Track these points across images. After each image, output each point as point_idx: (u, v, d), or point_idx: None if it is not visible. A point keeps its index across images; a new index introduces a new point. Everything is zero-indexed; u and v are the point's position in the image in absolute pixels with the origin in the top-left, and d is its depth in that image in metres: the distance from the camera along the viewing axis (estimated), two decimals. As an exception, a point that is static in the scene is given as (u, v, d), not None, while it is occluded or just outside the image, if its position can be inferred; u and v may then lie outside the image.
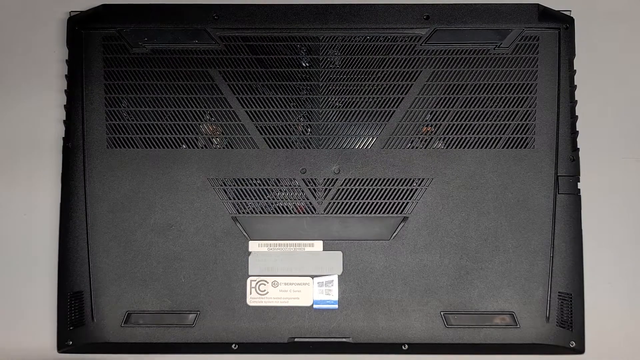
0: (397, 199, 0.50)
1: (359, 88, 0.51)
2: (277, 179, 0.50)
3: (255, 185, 0.50)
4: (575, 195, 0.50)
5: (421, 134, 0.50)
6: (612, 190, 0.53)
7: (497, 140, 0.50)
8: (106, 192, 0.50)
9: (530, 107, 0.50)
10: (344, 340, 0.48)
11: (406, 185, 0.50)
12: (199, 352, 0.50)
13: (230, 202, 0.50)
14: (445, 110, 0.50)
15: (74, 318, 0.49)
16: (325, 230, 0.50)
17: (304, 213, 0.50)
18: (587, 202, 0.50)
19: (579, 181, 0.50)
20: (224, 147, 0.50)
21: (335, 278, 0.49)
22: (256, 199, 0.50)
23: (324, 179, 0.50)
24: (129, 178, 0.50)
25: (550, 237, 0.49)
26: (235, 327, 0.48)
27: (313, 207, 0.50)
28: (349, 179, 0.50)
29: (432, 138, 0.50)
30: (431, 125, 0.51)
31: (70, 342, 0.48)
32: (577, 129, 0.50)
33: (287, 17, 0.51)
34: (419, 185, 0.50)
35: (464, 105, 0.50)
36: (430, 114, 0.51)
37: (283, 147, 0.50)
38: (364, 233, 0.49)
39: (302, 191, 0.50)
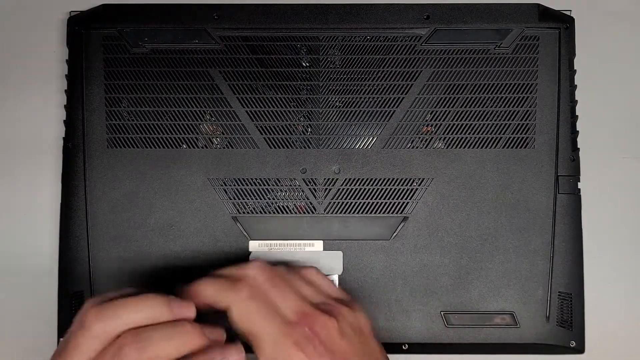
0: (397, 199, 0.50)
1: (359, 88, 0.51)
2: (277, 179, 0.50)
3: (256, 185, 0.50)
4: (575, 195, 0.50)
5: (421, 134, 0.51)
6: (612, 190, 0.53)
7: (497, 140, 0.50)
8: (106, 192, 0.50)
9: (530, 107, 0.50)
10: (344, 340, 0.48)
11: (406, 185, 0.50)
12: (199, 352, 0.50)
13: (231, 202, 0.50)
14: (446, 110, 0.50)
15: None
16: (325, 230, 0.50)
17: (304, 213, 0.50)
18: (587, 202, 0.50)
19: (579, 181, 0.50)
20: (224, 147, 0.50)
21: (335, 278, 0.49)
22: (256, 199, 0.50)
23: (324, 179, 0.50)
24: (129, 178, 0.50)
25: (550, 237, 0.49)
26: (236, 327, 0.48)
27: (313, 207, 0.50)
28: (349, 179, 0.50)
29: (432, 138, 0.50)
30: (431, 125, 0.51)
31: (71, 342, 0.48)
32: (577, 129, 0.50)
33: (287, 17, 0.51)
34: (419, 185, 0.50)
35: (464, 105, 0.50)
36: (431, 113, 0.51)
37: (283, 147, 0.50)
38: (364, 233, 0.50)
39: (302, 191, 0.50)
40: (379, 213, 0.50)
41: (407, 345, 0.48)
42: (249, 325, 0.37)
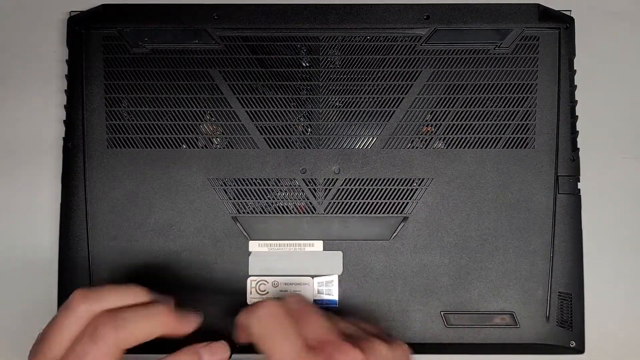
0: (397, 199, 0.50)
1: (359, 88, 0.51)
2: (277, 179, 0.50)
3: (256, 185, 0.50)
4: (575, 195, 0.50)
5: (421, 134, 0.51)
6: (612, 190, 0.53)
7: (497, 140, 0.50)
8: (106, 192, 0.50)
9: (530, 107, 0.50)
10: (344, 340, 0.49)
11: (406, 185, 0.50)
12: (199, 352, 0.50)
13: (230, 202, 0.50)
14: (446, 110, 0.50)
15: (74, 318, 0.49)
16: (325, 230, 0.50)
17: (304, 213, 0.50)
18: (587, 202, 0.50)
19: (579, 181, 0.50)
20: (224, 147, 0.50)
21: (335, 278, 0.49)
22: (256, 199, 0.50)
23: (324, 179, 0.50)
24: (129, 178, 0.50)
25: (550, 237, 0.49)
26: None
27: (313, 207, 0.50)
28: (349, 179, 0.50)
29: (432, 138, 0.50)
30: (431, 125, 0.51)
31: (71, 342, 0.48)
32: (577, 129, 0.50)
33: (287, 17, 0.51)
34: (419, 185, 0.50)
35: (464, 105, 0.50)
36: (431, 114, 0.51)
37: (283, 147, 0.50)
38: (364, 233, 0.50)
39: (302, 191, 0.50)
40: (379, 213, 0.50)
41: (407, 345, 0.48)
42: (268, 344, 0.36)
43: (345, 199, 0.50)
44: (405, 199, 0.50)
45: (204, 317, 0.42)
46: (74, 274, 0.49)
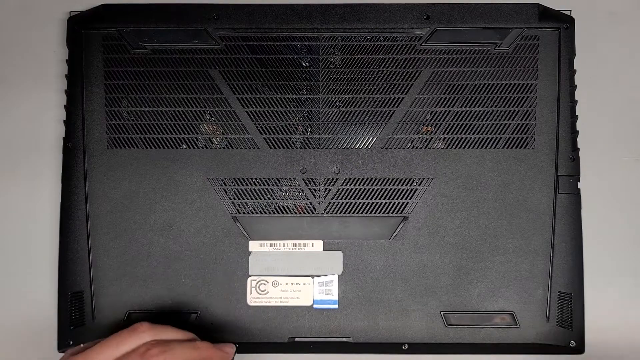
0: (397, 199, 0.50)
1: (359, 88, 0.51)
2: (277, 179, 0.50)
3: (255, 185, 0.50)
4: (575, 195, 0.50)
5: (421, 134, 0.51)
6: (612, 190, 0.53)
7: (497, 140, 0.50)
8: (106, 192, 0.50)
9: (530, 107, 0.50)
10: (344, 340, 0.49)
11: (406, 185, 0.50)
12: (199, 352, 0.50)
13: (230, 202, 0.50)
14: (446, 110, 0.50)
15: (75, 318, 0.49)
16: (325, 230, 0.50)
17: (304, 213, 0.50)
18: (587, 202, 0.50)
19: (579, 181, 0.50)
20: (224, 147, 0.50)
21: (335, 278, 0.49)
22: (256, 199, 0.50)
23: (324, 179, 0.50)
24: (129, 178, 0.50)
25: (550, 237, 0.49)
26: (236, 326, 0.48)
27: (313, 207, 0.50)
28: (349, 179, 0.50)
29: (432, 138, 0.50)
30: (431, 125, 0.51)
31: (71, 342, 0.48)
32: (577, 129, 0.50)
33: (287, 17, 0.51)
34: (419, 185, 0.50)
35: (464, 105, 0.50)
36: (431, 113, 0.51)
37: (283, 147, 0.50)
38: (364, 233, 0.50)
39: (302, 191, 0.50)
40: (379, 213, 0.50)
41: (407, 345, 0.48)
42: None
43: (345, 199, 0.50)
44: (405, 199, 0.50)
45: (236, 347, 0.47)
46: (74, 274, 0.49)
